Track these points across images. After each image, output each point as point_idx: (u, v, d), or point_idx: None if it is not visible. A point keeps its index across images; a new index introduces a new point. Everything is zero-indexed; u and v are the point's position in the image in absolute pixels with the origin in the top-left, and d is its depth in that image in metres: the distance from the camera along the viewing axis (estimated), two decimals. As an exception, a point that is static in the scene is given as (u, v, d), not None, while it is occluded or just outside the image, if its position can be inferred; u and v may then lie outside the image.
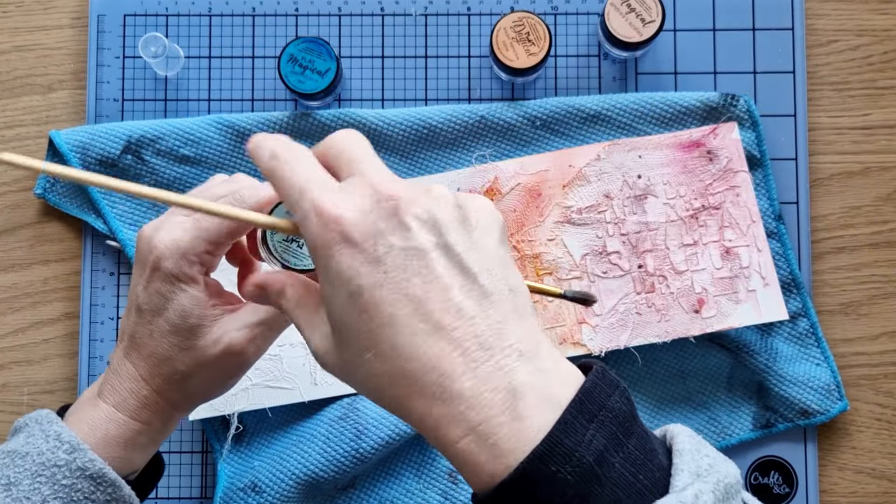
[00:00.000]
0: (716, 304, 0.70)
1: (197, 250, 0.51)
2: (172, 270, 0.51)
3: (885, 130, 0.76)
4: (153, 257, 0.51)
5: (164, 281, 0.51)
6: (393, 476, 0.72)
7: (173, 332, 0.52)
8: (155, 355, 0.52)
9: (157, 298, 0.51)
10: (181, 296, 0.51)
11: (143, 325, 0.52)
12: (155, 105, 0.75)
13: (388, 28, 0.76)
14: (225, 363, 0.52)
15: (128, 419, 0.53)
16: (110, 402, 0.53)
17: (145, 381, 0.53)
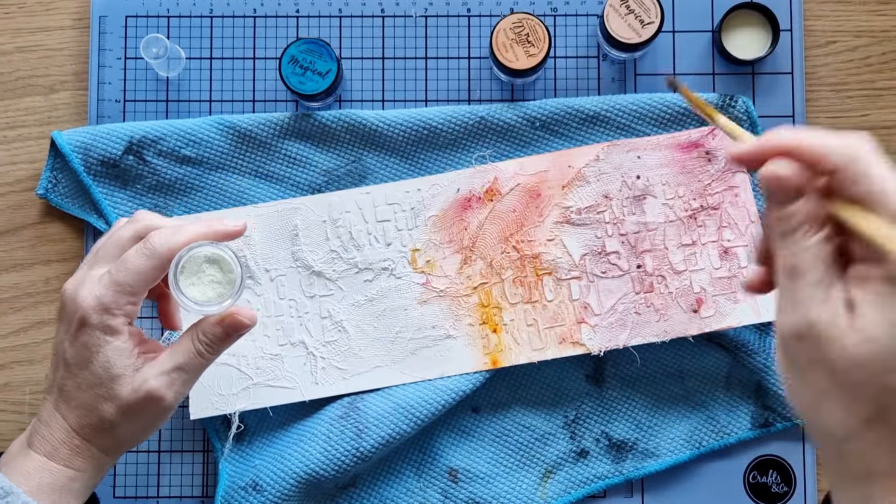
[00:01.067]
0: (714, 304, 0.71)
1: (118, 303, 0.53)
2: (97, 325, 0.53)
3: (884, 131, 0.76)
4: (78, 315, 0.53)
5: (90, 335, 0.53)
6: (393, 475, 0.73)
7: (98, 383, 0.54)
8: (83, 406, 0.54)
9: (83, 352, 0.54)
10: (106, 348, 0.54)
11: (70, 378, 0.54)
12: (156, 106, 0.76)
13: (389, 29, 0.76)
14: (147, 409, 0.54)
15: (61, 468, 0.54)
16: (41, 451, 0.55)
17: (75, 431, 0.55)
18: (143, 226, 0.56)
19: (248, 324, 0.56)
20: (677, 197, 0.72)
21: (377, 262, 0.72)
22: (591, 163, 0.72)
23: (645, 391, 0.73)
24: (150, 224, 0.56)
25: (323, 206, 0.72)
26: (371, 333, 0.72)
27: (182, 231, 0.54)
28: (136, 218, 0.56)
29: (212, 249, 0.55)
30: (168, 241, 0.54)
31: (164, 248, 0.54)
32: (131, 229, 0.56)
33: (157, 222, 0.56)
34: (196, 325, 0.56)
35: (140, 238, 0.55)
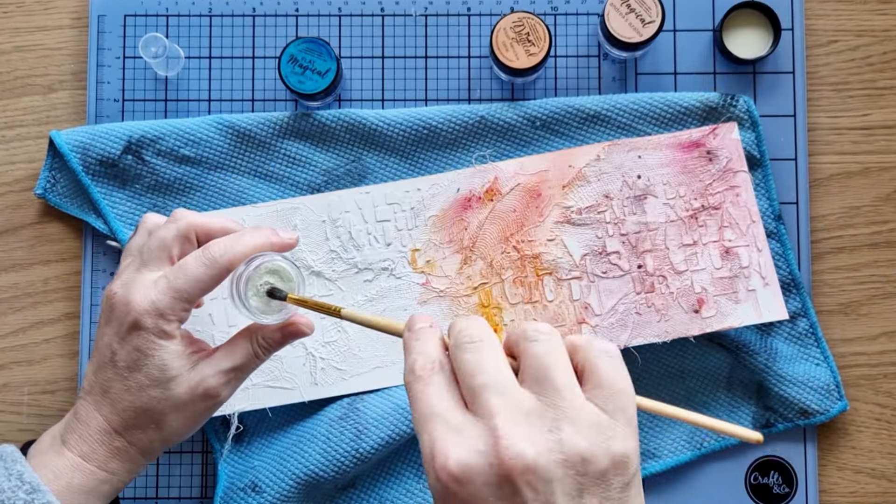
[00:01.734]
0: (715, 304, 0.71)
1: (174, 309, 0.54)
2: (153, 329, 0.54)
3: (885, 131, 0.76)
4: (131, 318, 0.54)
5: (143, 339, 0.54)
6: (393, 476, 0.72)
7: (153, 385, 0.54)
8: (132, 408, 0.55)
9: (135, 355, 0.54)
10: (161, 351, 0.54)
11: (118, 380, 0.54)
12: (155, 105, 0.75)
13: (388, 28, 0.76)
14: (201, 406, 0.56)
15: (94, 469, 0.55)
16: (76, 451, 0.55)
17: (118, 433, 0.55)
18: (186, 224, 0.56)
19: (308, 332, 0.58)
20: (678, 197, 0.72)
21: (377, 262, 0.72)
22: (591, 162, 0.72)
23: (646, 392, 0.73)
24: (193, 222, 0.57)
25: (322, 206, 0.72)
26: (370, 334, 0.71)
27: (242, 241, 0.55)
28: (177, 217, 0.57)
29: (275, 262, 0.56)
30: (229, 251, 0.55)
31: (224, 258, 0.54)
32: (174, 229, 0.56)
33: (198, 220, 0.57)
34: (254, 329, 0.57)
35: (185, 238, 0.56)
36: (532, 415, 0.38)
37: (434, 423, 0.39)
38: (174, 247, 0.56)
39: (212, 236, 0.57)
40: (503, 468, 0.36)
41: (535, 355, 0.40)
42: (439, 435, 0.38)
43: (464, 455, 0.37)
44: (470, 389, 0.39)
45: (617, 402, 0.39)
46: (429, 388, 0.40)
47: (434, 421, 0.39)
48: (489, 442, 0.37)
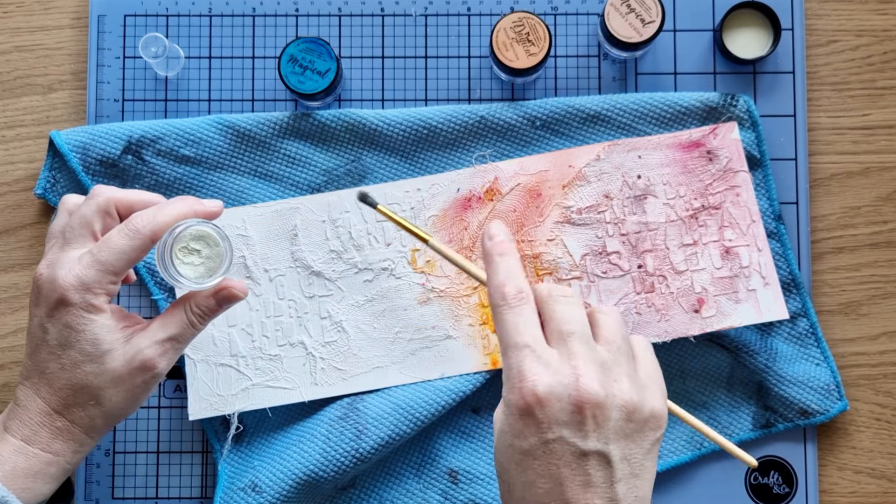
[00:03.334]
0: (716, 304, 0.70)
1: (101, 282, 0.54)
2: (80, 304, 0.54)
3: (885, 131, 0.76)
4: (57, 295, 0.54)
5: (72, 315, 0.54)
6: (393, 476, 0.72)
7: (87, 360, 0.54)
8: (69, 386, 0.55)
9: (66, 332, 0.54)
10: (91, 325, 0.54)
11: (53, 359, 0.55)
12: (155, 105, 0.75)
13: (388, 28, 0.76)
14: (139, 379, 0.56)
15: (38, 452, 0.55)
16: (19, 436, 0.55)
17: (58, 412, 0.55)
18: (105, 199, 0.56)
19: (241, 296, 0.58)
20: (678, 196, 0.72)
21: (377, 262, 0.72)
22: (591, 162, 0.72)
23: (646, 392, 0.73)
24: (112, 197, 0.56)
25: (322, 206, 0.72)
26: (370, 334, 0.71)
27: (164, 211, 0.55)
28: (96, 193, 0.57)
29: (199, 227, 0.56)
30: (152, 221, 0.55)
31: (147, 228, 0.54)
32: (94, 205, 0.56)
33: (117, 195, 0.57)
34: (188, 297, 0.58)
35: (105, 213, 0.56)
36: (604, 366, 0.48)
37: (524, 351, 0.47)
38: (95, 222, 0.56)
39: (133, 209, 0.57)
40: (580, 400, 0.46)
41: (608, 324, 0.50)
42: (529, 362, 0.47)
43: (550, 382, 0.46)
44: (559, 333, 0.48)
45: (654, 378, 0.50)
46: (520, 318, 0.48)
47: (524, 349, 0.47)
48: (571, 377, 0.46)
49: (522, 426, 0.46)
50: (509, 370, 0.47)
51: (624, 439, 0.47)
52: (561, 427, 0.46)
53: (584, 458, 0.46)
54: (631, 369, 0.49)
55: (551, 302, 0.49)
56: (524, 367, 0.46)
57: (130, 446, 0.73)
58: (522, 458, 0.47)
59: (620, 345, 0.49)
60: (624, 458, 0.47)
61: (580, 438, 0.46)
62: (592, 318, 0.50)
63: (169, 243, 0.55)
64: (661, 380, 0.51)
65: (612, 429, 0.46)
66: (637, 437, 0.47)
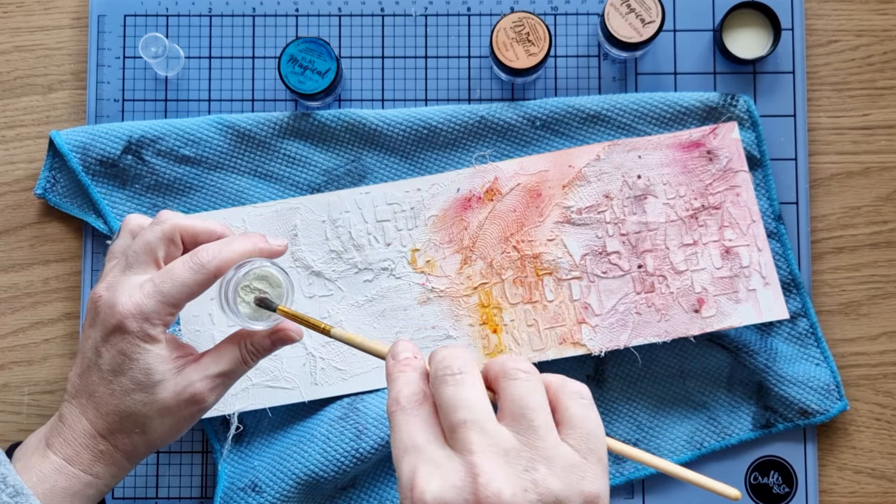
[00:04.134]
0: (716, 304, 0.70)
1: (160, 314, 0.53)
2: (137, 333, 0.53)
3: (885, 130, 0.76)
4: (115, 320, 0.53)
5: (128, 343, 0.53)
6: (393, 476, 0.72)
7: (138, 389, 0.54)
8: (117, 412, 0.54)
9: (119, 359, 0.53)
10: (146, 355, 0.54)
11: (103, 384, 0.54)
12: (155, 105, 0.75)
13: (388, 28, 0.76)
14: (187, 411, 0.55)
15: (79, 472, 0.54)
16: (61, 455, 0.54)
17: (102, 436, 0.55)
18: (171, 226, 0.56)
19: (297, 339, 0.57)
20: (678, 196, 0.72)
21: (377, 262, 0.72)
22: (591, 162, 0.72)
23: (646, 392, 0.73)
24: (178, 224, 0.56)
25: (322, 206, 0.72)
26: (371, 334, 0.71)
27: (230, 247, 0.54)
28: (162, 218, 0.56)
29: (264, 268, 0.55)
30: (217, 256, 0.54)
31: (213, 264, 0.54)
32: (159, 231, 0.55)
33: (183, 223, 0.56)
34: (243, 335, 0.57)
35: (170, 240, 0.55)
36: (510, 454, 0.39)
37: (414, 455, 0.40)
38: (159, 249, 0.55)
39: (197, 239, 0.56)
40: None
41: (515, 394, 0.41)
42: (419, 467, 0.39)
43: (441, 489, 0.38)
44: (450, 424, 0.40)
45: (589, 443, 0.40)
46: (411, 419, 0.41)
47: (414, 453, 0.40)
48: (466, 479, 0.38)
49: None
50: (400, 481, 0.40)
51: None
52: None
53: None
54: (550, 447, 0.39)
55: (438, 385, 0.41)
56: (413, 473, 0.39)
57: (130, 446, 0.73)
58: None
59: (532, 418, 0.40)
60: None
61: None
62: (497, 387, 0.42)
63: (234, 281, 0.54)
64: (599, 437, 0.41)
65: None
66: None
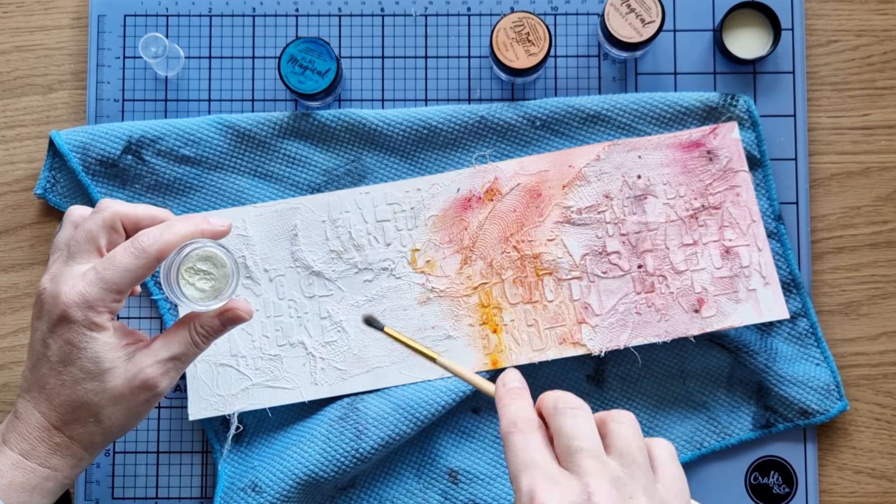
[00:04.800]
0: (716, 304, 0.70)
1: (104, 301, 0.53)
2: (82, 321, 0.53)
3: (885, 130, 0.76)
4: (59, 310, 0.53)
5: (74, 332, 0.53)
6: (393, 476, 0.72)
7: (88, 378, 0.54)
8: (69, 403, 0.54)
9: (67, 348, 0.53)
10: (93, 343, 0.54)
11: (53, 375, 0.54)
12: (155, 105, 0.75)
13: (388, 28, 0.76)
14: (140, 398, 0.55)
15: (36, 466, 0.54)
16: (17, 450, 0.54)
17: (57, 428, 0.55)
18: (112, 213, 0.55)
19: (246, 317, 0.58)
20: (678, 196, 0.72)
21: (377, 262, 0.72)
22: (591, 162, 0.72)
23: (646, 392, 0.73)
24: (118, 211, 0.56)
25: (322, 206, 0.72)
26: (371, 334, 0.71)
27: (171, 230, 0.54)
28: (102, 207, 0.56)
29: (206, 248, 0.55)
30: (158, 240, 0.54)
31: (153, 248, 0.54)
32: (100, 219, 0.55)
33: (123, 210, 0.56)
34: (192, 317, 0.57)
35: (111, 228, 0.55)
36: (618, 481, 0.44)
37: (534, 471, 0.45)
38: (101, 237, 0.55)
39: (139, 225, 0.56)
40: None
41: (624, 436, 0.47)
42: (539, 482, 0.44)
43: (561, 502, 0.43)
44: (567, 449, 0.45)
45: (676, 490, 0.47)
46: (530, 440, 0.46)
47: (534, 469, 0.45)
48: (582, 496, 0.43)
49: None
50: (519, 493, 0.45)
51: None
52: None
53: None
54: (648, 483, 0.45)
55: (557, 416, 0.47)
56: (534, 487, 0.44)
57: (130, 446, 0.73)
58: None
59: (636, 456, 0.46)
60: None
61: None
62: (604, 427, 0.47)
63: (175, 264, 0.54)
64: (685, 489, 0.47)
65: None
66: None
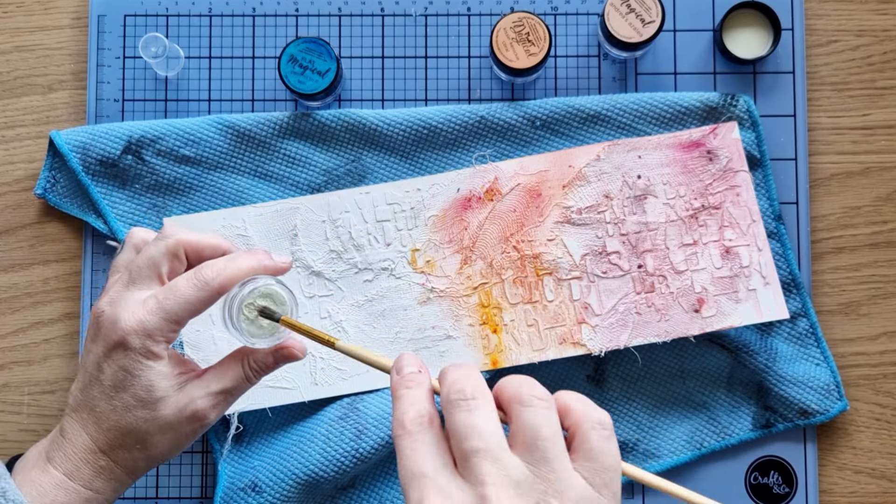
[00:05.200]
0: (716, 304, 0.70)
1: (163, 330, 0.53)
2: (139, 349, 0.53)
3: (885, 130, 0.76)
4: (117, 336, 0.53)
5: (130, 359, 0.53)
6: (393, 476, 0.72)
7: (140, 405, 0.54)
8: (118, 428, 0.54)
9: (121, 375, 0.53)
10: (148, 372, 0.53)
11: (104, 399, 0.54)
12: (155, 105, 0.75)
13: (388, 28, 0.76)
14: (188, 428, 0.55)
15: (79, 488, 0.54)
16: (61, 469, 0.54)
17: (103, 452, 0.54)
18: (175, 241, 0.55)
19: (300, 356, 0.57)
20: (678, 196, 0.72)
21: (377, 262, 0.72)
22: (591, 162, 0.72)
23: (646, 392, 0.73)
24: (182, 240, 0.55)
25: (322, 206, 0.72)
26: (371, 334, 0.71)
27: (235, 264, 0.54)
28: (165, 234, 0.56)
29: (269, 286, 0.55)
30: (222, 274, 0.53)
31: (217, 281, 0.53)
32: (163, 246, 0.55)
33: (187, 238, 0.55)
34: (245, 352, 0.56)
35: (174, 255, 0.55)
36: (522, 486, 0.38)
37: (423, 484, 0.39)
38: (163, 265, 0.55)
39: (201, 254, 0.56)
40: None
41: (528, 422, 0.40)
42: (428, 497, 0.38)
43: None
44: (462, 452, 0.39)
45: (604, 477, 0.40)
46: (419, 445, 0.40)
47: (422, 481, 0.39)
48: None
49: None
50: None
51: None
52: None
53: None
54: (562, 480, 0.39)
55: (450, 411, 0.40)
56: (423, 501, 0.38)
57: (130, 446, 0.73)
58: None
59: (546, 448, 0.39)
60: None
61: None
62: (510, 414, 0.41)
63: (238, 299, 0.54)
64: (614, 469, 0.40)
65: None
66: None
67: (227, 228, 0.72)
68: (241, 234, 0.72)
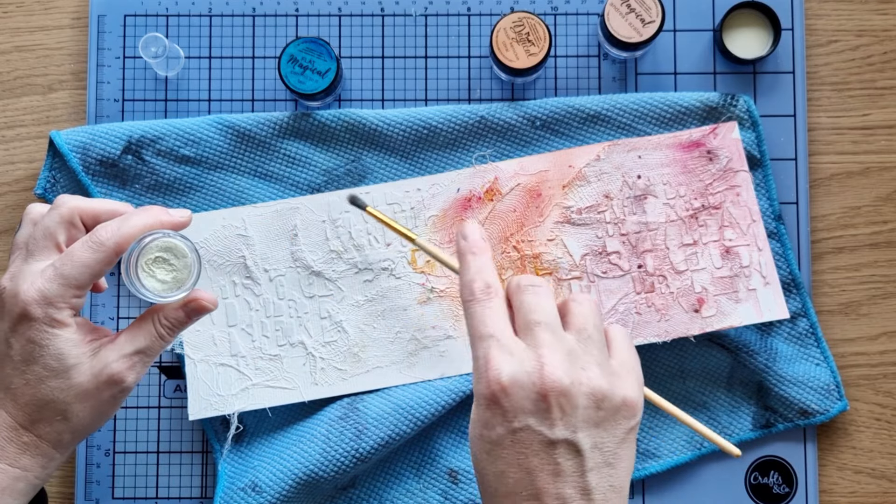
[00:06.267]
0: (716, 304, 0.70)
1: (64, 296, 0.53)
2: (43, 318, 0.53)
3: (885, 130, 0.76)
4: (19, 309, 0.53)
5: (35, 330, 0.53)
6: (393, 476, 0.72)
7: (52, 375, 0.53)
8: (35, 401, 0.54)
9: (29, 347, 0.53)
10: (55, 340, 0.53)
11: (17, 374, 0.54)
12: (155, 105, 0.75)
13: (388, 28, 0.76)
14: (107, 393, 0.55)
15: (6, 467, 0.54)
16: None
17: (25, 428, 0.54)
18: (69, 209, 0.55)
19: (211, 307, 0.57)
20: (678, 196, 0.72)
21: (377, 262, 0.72)
22: (591, 162, 0.72)
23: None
24: (76, 206, 0.55)
25: (322, 206, 0.72)
26: (371, 334, 0.71)
27: (129, 222, 0.54)
28: (59, 203, 0.55)
29: (165, 239, 0.55)
30: (116, 233, 0.53)
31: (111, 241, 0.53)
32: (57, 215, 0.55)
33: (82, 205, 0.55)
34: (156, 310, 0.56)
35: (70, 223, 0.55)
36: (572, 354, 0.47)
37: (490, 342, 0.47)
38: (59, 233, 0.54)
39: (99, 220, 0.56)
40: (543, 388, 0.46)
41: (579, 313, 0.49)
42: (494, 352, 0.47)
43: (514, 371, 0.46)
44: (526, 322, 0.48)
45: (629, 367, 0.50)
46: (487, 310, 0.48)
47: (490, 340, 0.47)
48: (536, 366, 0.46)
49: (490, 416, 0.47)
50: (476, 361, 0.48)
51: (594, 427, 0.47)
52: (527, 416, 0.46)
53: (553, 446, 0.46)
54: (602, 357, 0.49)
55: (519, 293, 0.49)
56: (489, 356, 0.47)
57: (130, 446, 0.73)
58: (492, 447, 0.47)
59: (591, 333, 0.49)
60: (595, 447, 0.46)
61: (547, 427, 0.46)
62: (565, 307, 0.50)
63: (134, 256, 0.54)
64: (638, 369, 0.50)
65: (580, 417, 0.46)
66: (608, 426, 0.47)
67: (227, 228, 0.72)
68: (241, 234, 0.72)
